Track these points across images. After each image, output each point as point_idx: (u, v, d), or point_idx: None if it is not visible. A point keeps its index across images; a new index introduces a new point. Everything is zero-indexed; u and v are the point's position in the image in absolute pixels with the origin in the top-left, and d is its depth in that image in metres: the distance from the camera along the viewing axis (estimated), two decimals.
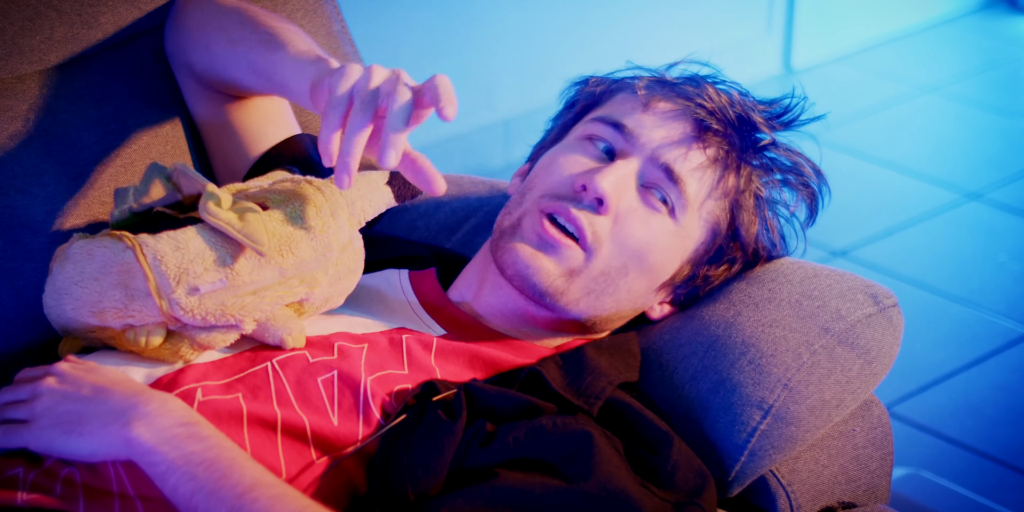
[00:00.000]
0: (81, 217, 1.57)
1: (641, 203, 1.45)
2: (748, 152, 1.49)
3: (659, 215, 1.45)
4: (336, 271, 1.39)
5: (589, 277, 1.44)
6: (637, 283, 1.47)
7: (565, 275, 1.44)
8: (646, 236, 1.45)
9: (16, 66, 1.58)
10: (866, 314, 1.51)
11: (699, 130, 1.47)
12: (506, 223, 1.47)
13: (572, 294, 1.44)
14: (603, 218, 1.44)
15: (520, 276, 1.44)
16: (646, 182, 1.46)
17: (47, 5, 1.57)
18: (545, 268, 1.43)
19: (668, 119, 1.48)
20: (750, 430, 1.44)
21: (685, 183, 1.46)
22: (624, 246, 1.44)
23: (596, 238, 1.43)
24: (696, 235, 1.48)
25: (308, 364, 1.37)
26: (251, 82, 1.51)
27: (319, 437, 1.33)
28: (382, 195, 1.42)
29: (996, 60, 4.02)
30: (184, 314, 1.33)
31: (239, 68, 1.51)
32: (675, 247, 1.47)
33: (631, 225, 1.44)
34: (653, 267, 1.46)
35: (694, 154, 1.46)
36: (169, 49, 1.63)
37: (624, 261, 1.44)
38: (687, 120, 1.48)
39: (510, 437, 1.32)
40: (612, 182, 1.43)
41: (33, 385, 1.32)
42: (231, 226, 1.31)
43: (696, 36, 3.62)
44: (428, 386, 1.36)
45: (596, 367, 1.42)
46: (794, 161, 1.52)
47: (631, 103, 1.50)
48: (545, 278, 1.43)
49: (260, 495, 1.23)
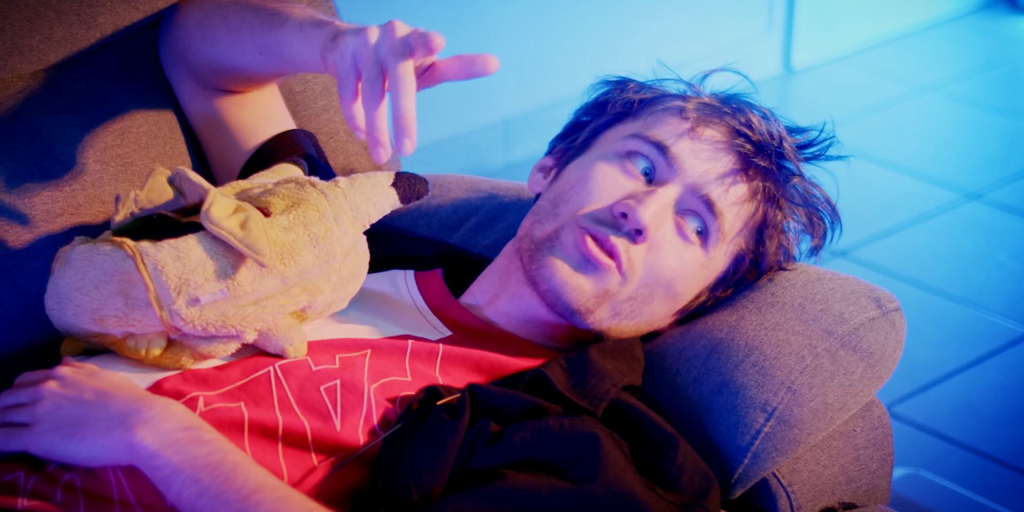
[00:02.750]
0: (81, 217, 1.56)
1: (676, 235, 1.45)
2: (784, 187, 1.49)
3: (691, 246, 1.46)
4: (339, 277, 1.38)
5: (618, 301, 1.44)
6: (660, 308, 1.48)
7: (598, 296, 1.44)
8: (677, 267, 1.45)
9: (16, 66, 1.57)
10: (869, 318, 1.51)
11: (744, 164, 1.47)
12: (539, 233, 1.46)
13: (599, 315, 1.45)
14: (639, 247, 1.43)
15: (554, 293, 1.43)
16: (682, 210, 1.46)
17: (46, 5, 1.57)
18: (582, 287, 1.43)
19: (715, 150, 1.47)
20: (754, 432, 1.44)
21: (724, 217, 1.46)
22: (656, 275, 1.44)
23: (631, 265, 1.43)
24: (720, 266, 1.49)
25: (311, 372, 1.37)
26: (260, 64, 1.51)
27: (320, 442, 1.32)
28: (387, 197, 1.41)
29: (996, 60, 4.02)
30: (185, 324, 1.32)
31: (246, 53, 1.51)
32: (700, 277, 1.48)
33: (664, 255, 1.44)
34: (677, 295, 1.48)
35: (737, 188, 1.47)
36: (166, 53, 1.63)
37: (652, 289, 1.45)
38: (733, 153, 1.47)
39: (516, 438, 1.31)
40: (654, 213, 1.43)
41: (34, 389, 1.31)
42: (233, 236, 1.30)
43: (696, 36, 3.62)
44: (431, 391, 1.36)
45: (601, 369, 1.42)
46: (815, 196, 1.53)
47: (675, 125, 1.49)
48: (580, 297, 1.43)
49: (264, 498, 1.22)
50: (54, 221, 1.55)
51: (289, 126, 1.65)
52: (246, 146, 1.62)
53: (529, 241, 1.46)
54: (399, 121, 1.26)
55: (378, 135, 1.27)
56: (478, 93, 3.29)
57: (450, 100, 3.23)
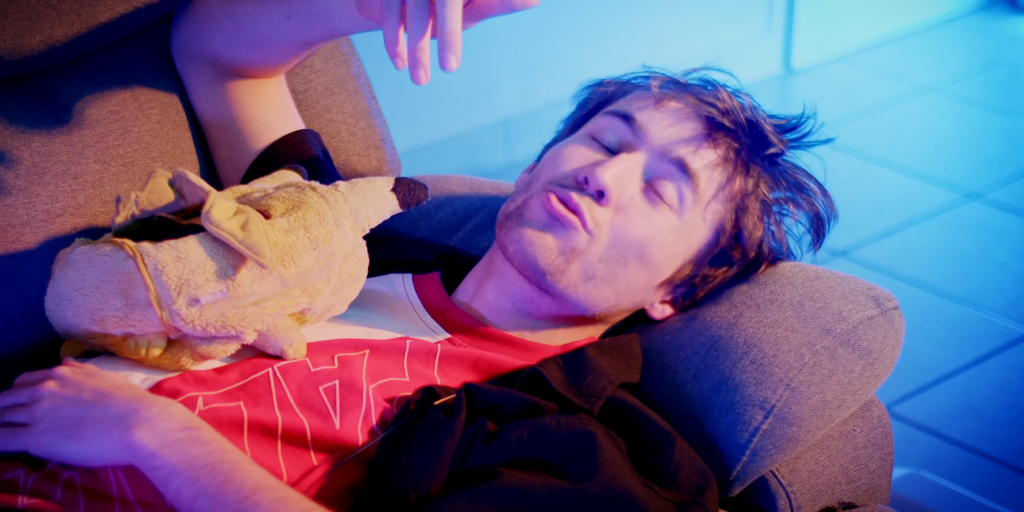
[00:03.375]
0: (81, 217, 1.57)
1: (643, 198, 1.46)
2: (757, 156, 1.49)
3: (661, 211, 1.46)
4: (339, 280, 1.38)
5: (588, 262, 1.44)
6: (636, 276, 1.47)
7: (565, 253, 1.43)
8: (647, 229, 1.45)
9: (16, 66, 1.57)
10: (868, 316, 1.51)
11: (710, 129, 1.48)
12: (511, 208, 1.48)
13: (571, 276, 1.44)
14: (604, 209, 1.44)
15: (522, 253, 1.44)
16: (653, 178, 1.46)
17: (47, 5, 1.57)
18: (547, 244, 1.43)
19: (680, 117, 1.48)
20: (752, 430, 1.44)
21: (698, 178, 1.46)
22: (624, 237, 1.44)
23: (596, 224, 1.44)
24: (699, 234, 1.48)
25: (310, 373, 1.37)
26: (287, 32, 1.51)
27: (320, 441, 1.32)
28: (387, 202, 1.41)
29: (996, 60, 4.02)
30: (184, 325, 1.32)
31: (272, 21, 1.51)
32: (677, 244, 1.47)
33: (632, 217, 1.45)
34: (653, 261, 1.46)
35: (705, 152, 1.47)
36: (180, 41, 1.63)
37: (623, 251, 1.45)
38: (699, 119, 1.48)
39: (513, 436, 1.31)
40: (614, 175, 1.44)
41: (33, 389, 1.31)
42: (233, 237, 1.30)
43: (696, 36, 3.62)
44: (428, 391, 1.36)
45: (597, 367, 1.42)
46: (799, 179, 1.52)
47: (643, 100, 1.51)
48: (546, 255, 1.43)
49: (263, 498, 1.22)
50: (54, 221, 1.55)
51: (298, 125, 1.65)
52: (255, 142, 1.62)
53: (503, 215, 1.48)
54: (446, 36, 1.26)
55: (420, 55, 1.27)
56: (478, 93, 3.29)
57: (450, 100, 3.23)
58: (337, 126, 1.76)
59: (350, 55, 1.79)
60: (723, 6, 3.70)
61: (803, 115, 1.54)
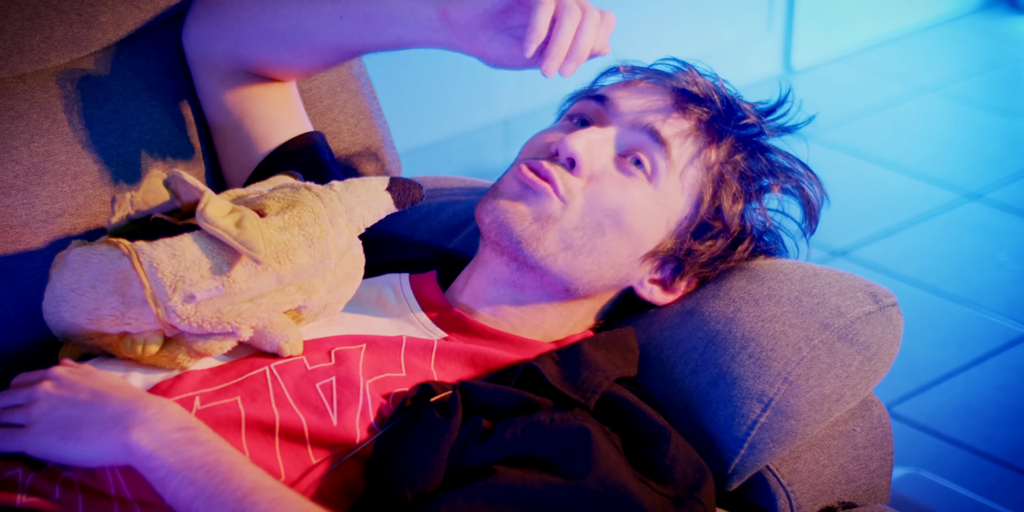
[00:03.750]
0: (81, 217, 1.57)
1: (616, 168, 1.46)
2: (729, 125, 1.49)
3: (636, 180, 1.46)
4: (334, 278, 1.39)
5: (563, 229, 1.44)
6: (616, 246, 1.46)
7: (539, 220, 1.44)
8: (621, 198, 1.45)
9: (16, 66, 1.58)
10: (866, 312, 1.51)
11: (680, 99, 1.49)
12: (489, 188, 1.49)
13: (547, 245, 1.44)
14: (576, 178, 1.45)
15: (496, 223, 1.44)
16: (625, 150, 1.47)
17: (47, 5, 1.57)
18: (520, 212, 1.44)
19: (650, 91, 1.50)
20: (750, 423, 1.44)
21: (670, 145, 1.46)
22: (598, 204, 1.45)
23: (568, 191, 1.45)
24: (678, 205, 1.48)
25: (306, 371, 1.37)
26: (338, 32, 1.52)
27: (317, 438, 1.33)
28: (382, 201, 1.42)
29: (996, 60, 4.02)
30: (180, 322, 1.33)
31: (320, 18, 1.52)
32: (655, 213, 1.47)
33: (605, 186, 1.45)
34: (632, 230, 1.46)
35: (676, 120, 1.48)
36: (197, 34, 1.62)
37: (599, 219, 1.45)
38: (669, 92, 1.50)
39: (508, 433, 1.32)
40: (584, 144, 1.45)
41: (30, 389, 1.31)
42: (228, 233, 1.31)
43: (696, 36, 3.62)
44: (424, 388, 1.36)
45: (593, 362, 1.42)
46: (781, 159, 1.52)
47: (613, 81, 1.54)
48: (520, 221, 1.44)
49: (260, 499, 1.23)
50: (54, 221, 1.55)
51: (307, 127, 1.65)
52: (264, 144, 1.62)
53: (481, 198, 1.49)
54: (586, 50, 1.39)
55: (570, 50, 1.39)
56: (478, 93, 3.29)
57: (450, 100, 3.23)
58: (339, 126, 1.76)
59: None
60: (723, 6, 3.70)
61: (782, 98, 1.54)
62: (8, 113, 1.56)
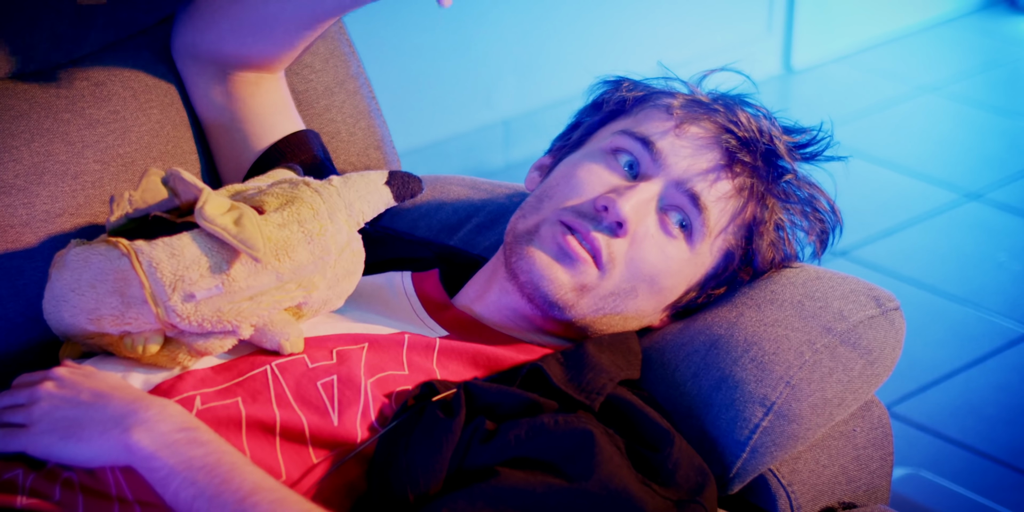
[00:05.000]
0: (81, 217, 1.57)
1: (659, 229, 1.45)
2: (773, 184, 1.49)
3: (675, 242, 1.46)
4: (334, 274, 1.39)
5: (599, 295, 1.44)
6: (645, 304, 1.48)
7: (577, 290, 1.43)
8: (660, 262, 1.45)
9: (16, 66, 1.57)
10: (868, 316, 1.51)
11: (728, 160, 1.47)
12: (521, 227, 1.46)
13: (580, 310, 1.45)
14: (620, 241, 1.43)
15: (533, 284, 1.43)
16: (666, 205, 1.46)
17: (47, 5, 1.57)
18: (559, 279, 1.43)
19: (699, 146, 1.47)
20: (752, 427, 1.44)
21: (709, 212, 1.46)
22: (638, 270, 1.44)
23: (611, 259, 1.43)
24: (709, 262, 1.49)
25: (308, 369, 1.37)
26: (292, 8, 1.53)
27: (318, 438, 1.32)
28: (380, 195, 1.42)
29: (996, 60, 4.02)
30: (180, 321, 1.32)
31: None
32: (687, 273, 1.48)
33: (646, 250, 1.44)
34: (663, 290, 1.47)
35: (721, 184, 1.46)
36: (182, 40, 1.62)
37: (635, 284, 1.45)
38: (718, 149, 1.47)
39: (511, 435, 1.31)
40: (634, 206, 1.43)
41: (31, 389, 1.31)
42: (227, 231, 1.30)
43: (696, 36, 3.62)
44: (427, 387, 1.36)
45: (597, 364, 1.42)
46: (811, 194, 1.52)
47: (662, 121, 1.49)
48: (558, 290, 1.43)
49: (261, 499, 1.22)
50: (54, 221, 1.55)
51: (299, 125, 1.65)
52: (257, 142, 1.62)
53: (512, 235, 1.47)
54: None
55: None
56: (478, 93, 3.29)
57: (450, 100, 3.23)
58: (337, 126, 1.76)
59: (350, 55, 1.79)
60: (723, 6, 3.70)
61: (818, 131, 1.53)
62: (8, 113, 1.56)
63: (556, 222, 1.44)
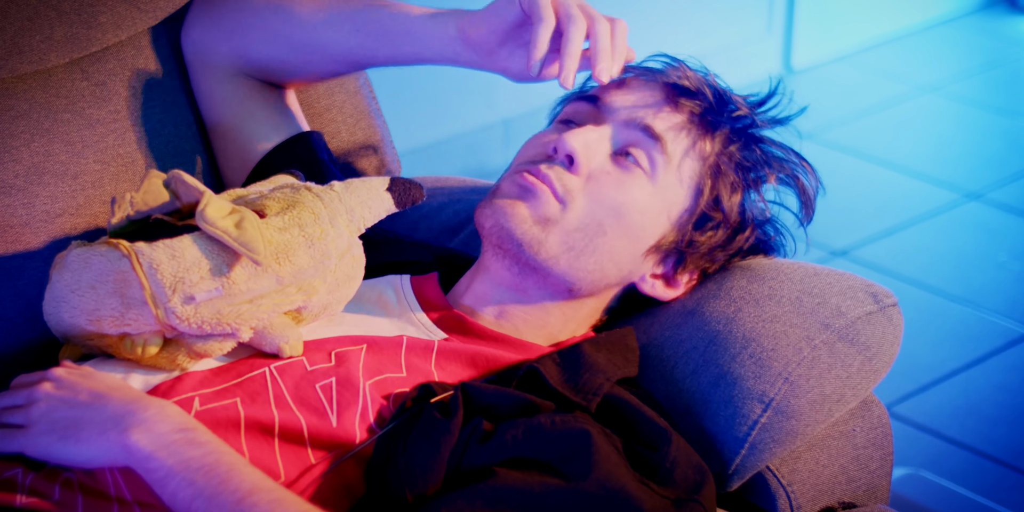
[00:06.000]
0: (81, 217, 1.57)
1: (614, 166, 1.46)
2: (721, 117, 1.50)
3: (634, 176, 1.46)
4: (334, 279, 1.39)
5: (565, 231, 1.44)
6: (618, 244, 1.47)
7: (540, 223, 1.44)
8: (620, 195, 1.45)
9: (16, 66, 1.57)
10: (866, 312, 1.51)
11: (672, 94, 1.49)
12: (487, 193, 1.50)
13: (550, 247, 1.44)
14: (575, 177, 1.45)
15: (498, 227, 1.44)
16: (621, 147, 1.47)
17: (47, 5, 1.57)
18: (521, 213, 1.44)
19: (642, 88, 1.50)
20: (751, 423, 1.44)
21: (664, 140, 1.47)
22: (599, 203, 1.45)
23: (567, 191, 1.45)
24: (677, 197, 1.48)
25: (306, 372, 1.37)
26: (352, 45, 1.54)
27: (317, 439, 1.33)
28: (382, 201, 1.42)
29: (996, 60, 4.02)
30: (180, 323, 1.32)
31: (335, 29, 1.53)
32: (655, 208, 1.47)
33: (603, 184, 1.45)
34: (633, 227, 1.46)
35: (668, 115, 1.48)
36: (199, 34, 1.62)
37: (600, 219, 1.45)
38: (660, 87, 1.50)
39: (508, 435, 1.32)
40: (581, 142, 1.45)
41: (30, 390, 1.31)
42: (227, 234, 1.31)
43: (696, 36, 3.62)
44: (425, 388, 1.36)
45: (594, 364, 1.42)
46: (775, 149, 1.52)
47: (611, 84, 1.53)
48: (521, 224, 1.44)
49: (259, 500, 1.23)
50: (54, 221, 1.55)
51: (304, 127, 1.66)
52: (262, 144, 1.62)
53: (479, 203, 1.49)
54: (602, 57, 1.42)
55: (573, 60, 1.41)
56: (478, 93, 3.29)
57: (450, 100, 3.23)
58: (337, 126, 1.76)
59: None
60: (723, 6, 3.70)
61: (772, 90, 1.54)
62: (8, 113, 1.56)
63: (512, 173, 1.47)
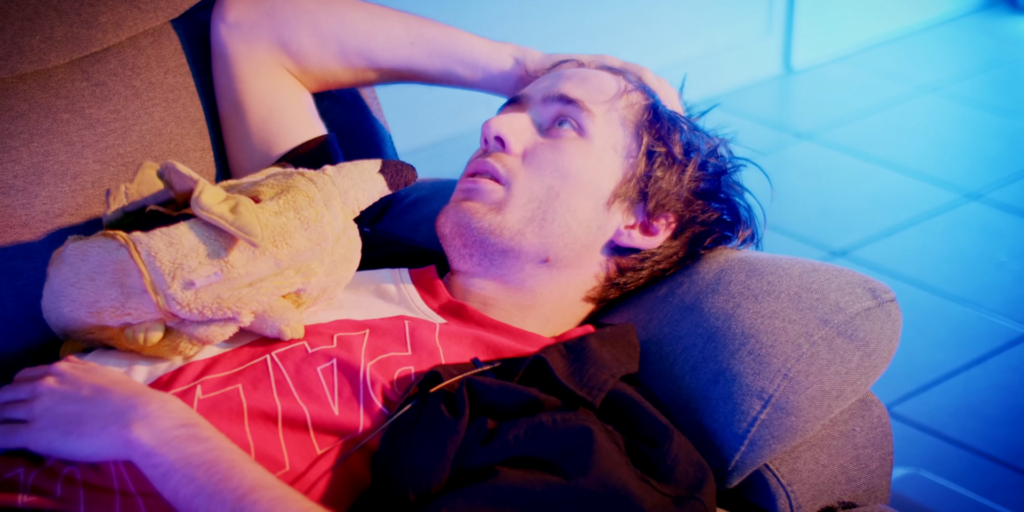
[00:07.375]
0: (81, 217, 1.57)
1: (546, 138, 1.50)
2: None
3: (566, 139, 1.49)
4: (332, 260, 1.40)
5: (518, 205, 1.47)
6: (575, 202, 1.48)
7: (494, 209, 1.47)
8: (558, 158, 1.48)
9: (16, 66, 1.58)
10: (865, 307, 1.51)
11: (580, 66, 1.55)
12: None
13: (511, 224, 1.46)
14: (511, 156, 1.48)
15: (457, 225, 1.47)
16: (549, 123, 1.50)
17: (47, 5, 1.57)
18: (474, 208, 1.47)
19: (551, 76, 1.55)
20: (750, 420, 1.45)
21: (583, 100, 1.50)
22: (541, 170, 1.48)
23: (508, 170, 1.47)
24: (614, 141, 1.50)
25: (307, 354, 1.37)
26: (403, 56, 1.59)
27: (320, 427, 1.33)
28: (375, 183, 1.43)
29: (996, 60, 4.02)
30: (181, 309, 1.33)
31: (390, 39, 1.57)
32: (601, 161, 1.49)
33: (540, 153, 1.48)
34: (582, 183, 1.49)
35: (580, 81, 1.52)
36: (238, 22, 1.63)
37: (548, 184, 1.47)
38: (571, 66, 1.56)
39: (510, 435, 1.32)
40: (503, 121, 1.49)
41: (32, 385, 1.32)
42: (223, 219, 1.31)
43: (696, 36, 3.62)
44: (432, 374, 1.36)
45: (600, 358, 1.42)
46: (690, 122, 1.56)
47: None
48: (475, 215, 1.46)
49: (260, 497, 1.23)
50: (53, 221, 1.55)
51: (323, 128, 1.67)
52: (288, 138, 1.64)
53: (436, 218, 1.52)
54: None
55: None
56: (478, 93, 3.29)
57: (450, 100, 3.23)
58: (338, 126, 1.76)
59: None
60: (723, 6, 3.70)
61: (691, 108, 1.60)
62: (8, 113, 1.56)
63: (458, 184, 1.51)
